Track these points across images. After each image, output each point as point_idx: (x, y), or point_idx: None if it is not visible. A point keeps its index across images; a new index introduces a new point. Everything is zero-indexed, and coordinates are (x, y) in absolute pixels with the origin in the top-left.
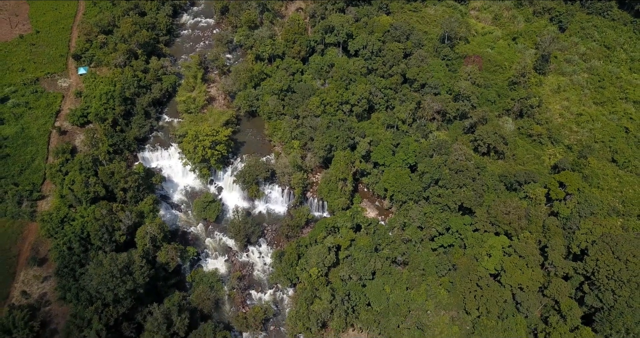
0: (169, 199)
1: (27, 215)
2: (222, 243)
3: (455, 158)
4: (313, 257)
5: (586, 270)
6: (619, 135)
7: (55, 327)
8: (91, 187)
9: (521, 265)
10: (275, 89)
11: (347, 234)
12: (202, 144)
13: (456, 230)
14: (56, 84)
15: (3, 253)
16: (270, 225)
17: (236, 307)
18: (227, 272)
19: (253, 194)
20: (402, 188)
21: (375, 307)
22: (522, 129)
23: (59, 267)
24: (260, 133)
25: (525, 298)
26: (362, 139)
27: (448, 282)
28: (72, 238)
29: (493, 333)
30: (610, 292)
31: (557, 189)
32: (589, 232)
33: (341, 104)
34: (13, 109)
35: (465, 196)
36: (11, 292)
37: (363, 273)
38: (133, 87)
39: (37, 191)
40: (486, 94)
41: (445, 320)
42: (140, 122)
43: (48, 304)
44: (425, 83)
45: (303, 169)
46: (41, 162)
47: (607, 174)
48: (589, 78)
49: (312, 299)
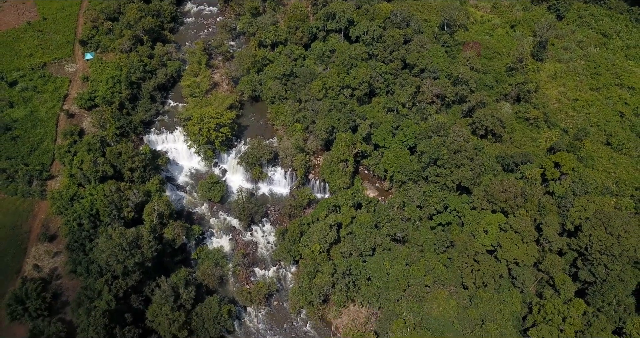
0: (174, 181)
1: (37, 194)
2: (227, 222)
3: (454, 139)
4: (315, 234)
5: (580, 246)
6: (613, 119)
7: (66, 299)
8: (99, 166)
9: (517, 240)
10: (277, 73)
11: (348, 212)
12: (207, 127)
13: (454, 208)
14: (63, 69)
15: (15, 230)
16: (273, 205)
17: (240, 283)
18: (232, 250)
19: (256, 176)
20: (401, 168)
21: (375, 282)
22: (519, 113)
23: (70, 242)
24: (263, 117)
25: (521, 273)
26: (363, 122)
27: (446, 258)
28: (82, 214)
29: (489, 305)
30: (603, 266)
31: (552, 169)
32: (583, 209)
33: (342, 88)
34: (22, 93)
35: (463, 175)
36: (23, 266)
37: (363, 248)
38: (139, 71)
39: (46, 171)
40: (484, 79)
41: (443, 295)
42: (146, 106)
43: (59, 278)
44: (424, 68)
45: (305, 151)
46: (50, 143)
47: (601, 156)
48: (585, 65)
49: (314, 274)
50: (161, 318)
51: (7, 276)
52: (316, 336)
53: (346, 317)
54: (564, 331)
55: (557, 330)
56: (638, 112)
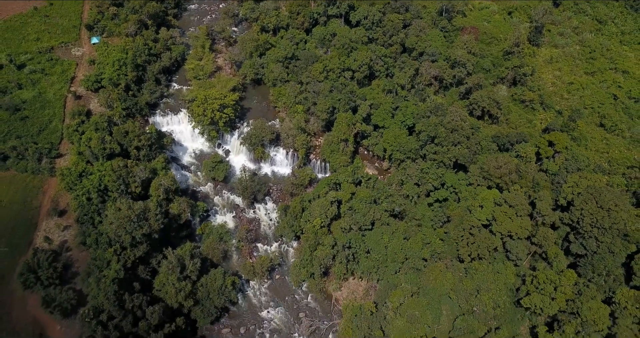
0: (178, 161)
1: (47, 171)
2: (230, 201)
3: (451, 118)
4: (316, 209)
5: (572, 220)
6: (607, 101)
7: (76, 270)
8: (107, 144)
9: (511, 213)
10: (279, 57)
11: (348, 188)
12: (211, 107)
13: (451, 185)
14: (70, 53)
15: (25, 205)
16: (275, 184)
17: (243, 257)
18: (235, 227)
19: (259, 156)
20: (400, 147)
21: (374, 255)
22: (515, 96)
23: (79, 215)
24: (266, 99)
25: (515, 246)
26: (363, 102)
27: (443, 233)
28: (91, 189)
29: (484, 275)
30: (594, 239)
31: (546, 148)
32: (575, 185)
33: (343, 70)
34: (30, 75)
35: (460, 153)
36: (34, 239)
37: (363, 223)
38: (144, 55)
39: (55, 149)
40: (481, 63)
41: (439, 268)
42: (152, 88)
43: (69, 250)
44: (423, 51)
45: (306, 132)
46: (58, 123)
47: (594, 137)
48: (581, 50)
49: (315, 246)
50: (168, 288)
51: (19, 248)
52: (317, 308)
53: (346, 290)
54: (555, 299)
55: (549, 299)
56: (631, 95)
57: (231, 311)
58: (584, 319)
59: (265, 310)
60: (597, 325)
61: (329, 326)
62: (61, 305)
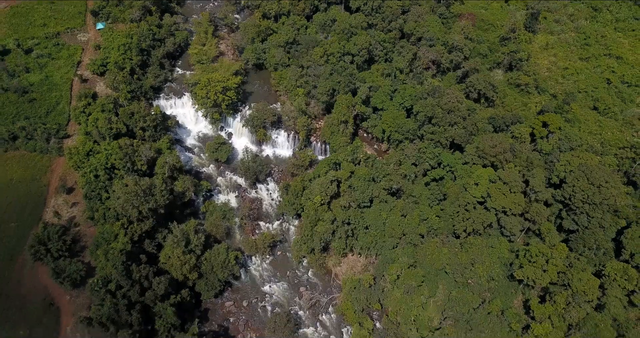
0: (182, 143)
1: (55, 151)
2: (233, 181)
3: (448, 100)
4: (316, 187)
5: (564, 197)
6: (600, 86)
7: (84, 244)
8: (113, 124)
9: (505, 190)
10: (281, 42)
11: (348, 166)
12: (214, 90)
13: (447, 164)
14: (76, 38)
15: (34, 183)
16: (276, 166)
17: (246, 234)
18: (238, 206)
19: (261, 137)
20: (398, 128)
21: (372, 231)
22: (511, 80)
23: (87, 191)
24: (267, 84)
25: (509, 222)
26: (362, 85)
27: (439, 210)
28: (98, 166)
29: (478, 249)
30: (585, 215)
31: (540, 128)
32: (568, 163)
33: (343, 55)
34: (37, 60)
35: (456, 133)
36: (43, 215)
37: (362, 199)
38: (148, 39)
39: (62, 130)
40: (478, 48)
41: (436, 244)
42: (156, 72)
43: (77, 225)
44: (421, 37)
45: (307, 114)
46: (65, 106)
47: (588, 119)
48: (576, 36)
49: (315, 222)
50: (173, 260)
51: (29, 223)
52: (317, 282)
53: (345, 266)
54: (547, 271)
55: (540, 271)
56: (624, 79)
57: (234, 285)
58: (575, 290)
59: (267, 284)
60: (587, 295)
61: (329, 299)
62: (70, 276)
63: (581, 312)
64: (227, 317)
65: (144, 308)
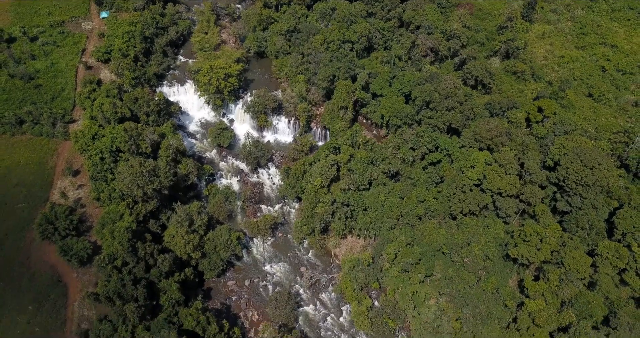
0: (185, 129)
1: (61, 135)
2: (235, 166)
3: (445, 86)
4: (317, 171)
5: (558, 179)
6: (596, 73)
7: (90, 224)
8: (118, 108)
9: (500, 172)
10: (282, 30)
11: (347, 150)
12: (216, 76)
13: (444, 148)
14: (80, 27)
15: (41, 166)
16: (277, 151)
17: (248, 217)
18: (240, 190)
19: (262, 123)
20: (397, 113)
21: (371, 212)
22: (507, 68)
23: (93, 173)
24: (268, 71)
25: (504, 203)
26: (362, 71)
27: (436, 192)
28: (104, 149)
29: (474, 229)
30: (578, 196)
31: (535, 113)
32: (562, 147)
33: (343, 42)
34: (43, 47)
35: (454, 117)
36: (50, 196)
37: (361, 182)
38: (152, 27)
39: (68, 115)
40: (476, 36)
41: (433, 225)
42: (159, 60)
43: (83, 206)
44: (420, 25)
45: (307, 101)
46: (70, 92)
47: (583, 106)
48: (572, 26)
49: (315, 203)
50: (177, 239)
51: (37, 203)
52: (318, 263)
53: (345, 247)
54: (540, 250)
55: (534, 249)
56: (619, 67)
57: (236, 265)
58: (568, 268)
59: (269, 264)
60: (580, 273)
61: (329, 279)
62: (78, 253)
63: (573, 289)
64: (230, 296)
65: (149, 284)
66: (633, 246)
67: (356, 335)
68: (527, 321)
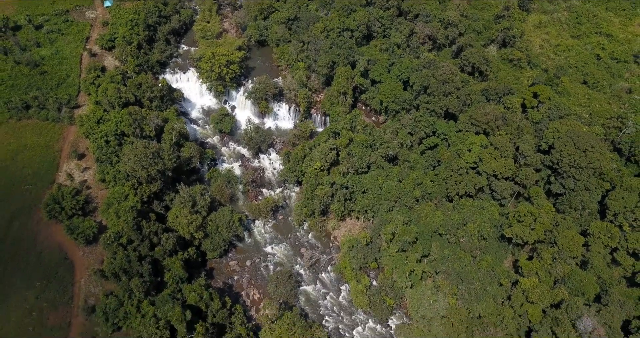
0: (188, 116)
1: (67, 119)
2: (236, 151)
3: (443, 72)
4: (317, 155)
5: (552, 162)
6: (590, 61)
7: (96, 205)
8: (122, 93)
9: (496, 154)
10: (282, 18)
11: (347, 134)
12: (219, 62)
13: (442, 132)
14: (84, 15)
15: (47, 149)
16: (278, 137)
17: (249, 200)
18: (241, 175)
19: (263, 109)
20: (395, 98)
21: (369, 195)
22: (504, 56)
23: (98, 156)
24: (269, 60)
25: (499, 185)
26: (361, 58)
27: (433, 175)
28: (109, 133)
29: (470, 210)
30: (572, 178)
31: (530, 99)
32: (556, 130)
33: (343, 30)
34: (48, 35)
35: (451, 102)
36: (57, 178)
37: (360, 165)
38: (155, 16)
39: (73, 100)
40: (473, 25)
41: (430, 207)
42: (162, 48)
43: (89, 188)
44: (418, 14)
45: (307, 87)
46: (75, 78)
47: (578, 92)
48: (568, 16)
49: (315, 186)
50: (181, 219)
51: (43, 185)
52: (317, 244)
53: (343, 229)
54: (534, 229)
55: (528, 229)
56: (614, 55)
57: (238, 247)
58: (561, 247)
59: (270, 246)
60: (572, 251)
61: (328, 259)
62: (84, 232)
63: (566, 267)
64: (231, 275)
65: (153, 262)
66: (624, 226)
67: (355, 313)
68: (520, 298)
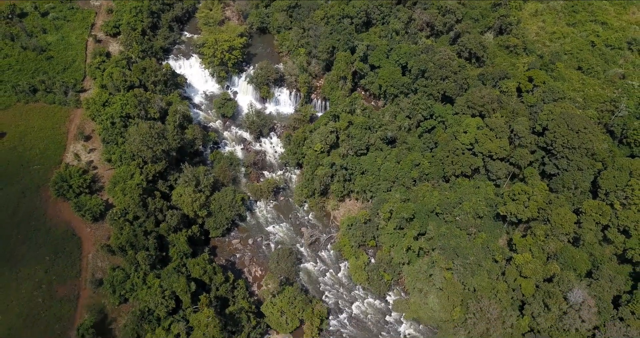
0: (191, 101)
1: (73, 103)
2: (238, 135)
3: (440, 56)
4: (317, 137)
5: (546, 143)
6: (585, 48)
7: (102, 185)
8: (127, 77)
9: (491, 135)
10: (284, 6)
11: (346, 117)
12: (221, 48)
13: (439, 115)
14: (89, 3)
15: (54, 131)
16: (279, 122)
17: (251, 182)
18: (243, 157)
19: (264, 94)
20: (394, 82)
21: (368, 175)
22: (500, 42)
23: (104, 136)
24: (271, 46)
25: (494, 166)
26: (361, 43)
27: (430, 157)
28: (114, 114)
29: (466, 189)
30: (565, 159)
31: (526, 82)
32: (550, 112)
33: (342, 17)
34: (53, 22)
35: (448, 86)
36: (64, 159)
37: (359, 147)
38: (158, 3)
39: (79, 84)
40: (470, 13)
41: (427, 187)
42: (165, 34)
43: (95, 168)
44: (416, 1)
45: (308, 73)
46: (81, 63)
47: (572, 78)
48: (564, 4)
49: (316, 167)
50: (185, 197)
51: (51, 165)
52: (317, 224)
53: (343, 209)
54: (528, 207)
55: (522, 207)
56: (608, 42)
57: (240, 226)
58: (553, 224)
59: (271, 225)
60: (564, 228)
61: (328, 237)
62: (91, 209)
63: (559, 243)
64: (234, 253)
65: (159, 238)
66: (615, 204)
67: (353, 289)
68: (514, 273)
